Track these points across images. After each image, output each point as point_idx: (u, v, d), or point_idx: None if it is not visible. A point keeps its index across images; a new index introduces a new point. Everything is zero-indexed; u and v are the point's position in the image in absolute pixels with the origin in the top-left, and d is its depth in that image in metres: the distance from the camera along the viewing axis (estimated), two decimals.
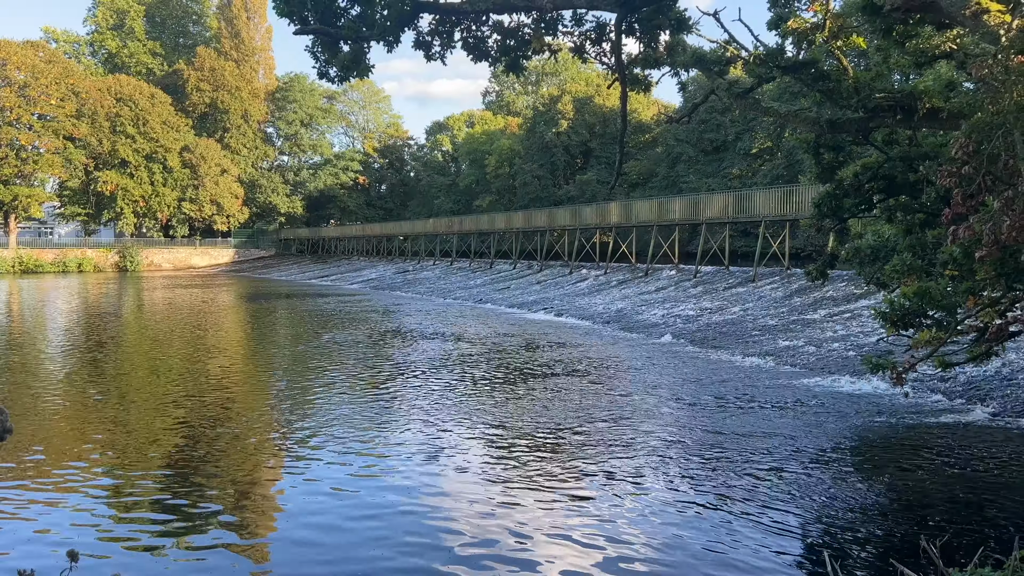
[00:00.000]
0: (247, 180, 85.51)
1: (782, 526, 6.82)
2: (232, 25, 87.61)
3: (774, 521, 6.92)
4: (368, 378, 14.82)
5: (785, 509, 7.23)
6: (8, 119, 68.24)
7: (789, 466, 8.63)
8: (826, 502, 7.45)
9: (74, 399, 13.02)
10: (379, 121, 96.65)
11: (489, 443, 9.72)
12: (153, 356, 18.88)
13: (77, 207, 77.84)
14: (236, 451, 9.53)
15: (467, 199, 73.75)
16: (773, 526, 6.81)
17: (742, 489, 7.81)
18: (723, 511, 7.18)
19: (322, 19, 7.75)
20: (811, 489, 7.84)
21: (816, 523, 6.98)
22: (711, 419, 11.07)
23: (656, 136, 59.28)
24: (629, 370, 15.66)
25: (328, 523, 6.94)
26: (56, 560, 5.80)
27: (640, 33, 8.19)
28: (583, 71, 76.66)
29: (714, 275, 29.56)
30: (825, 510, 7.25)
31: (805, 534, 6.74)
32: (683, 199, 35.47)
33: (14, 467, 8.51)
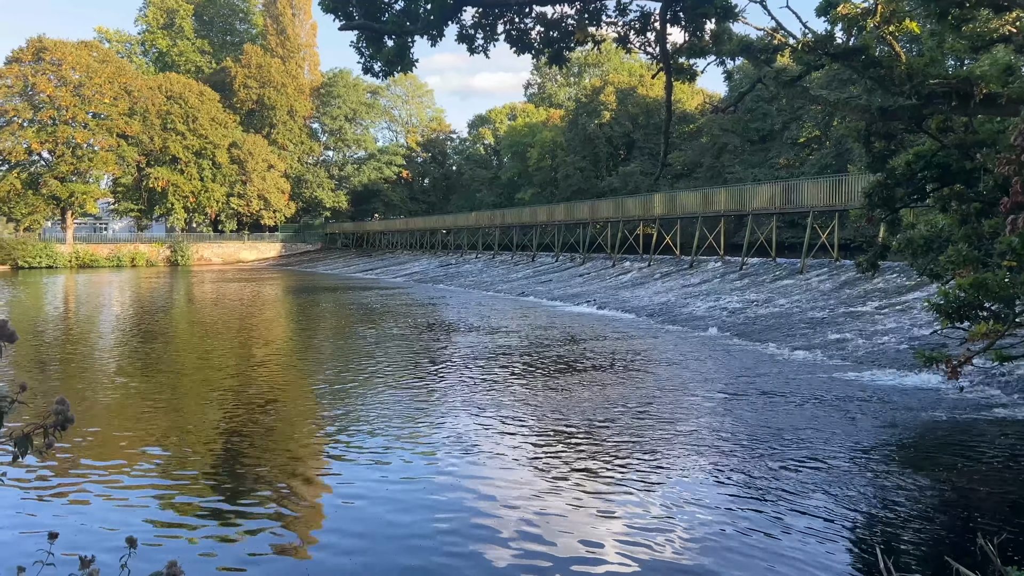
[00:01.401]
0: (293, 175, 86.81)
1: (831, 521, 6.71)
2: (278, 22, 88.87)
3: (823, 516, 6.82)
4: (410, 370, 14.96)
5: (834, 504, 7.11)
6: (64, 118, 70.25)
7: (838, 461, 8.48)
8: (877, 498, 7.31)
9: (128, 390, 13.40)
10: (422, 115, 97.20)
11: (529, 434, 9.74)
12: (203, 348, 19.31)
13: (130, 203, 79.97)
14: (282, 439, 9.71)
15: (509, 192, 73.80)
16: (822, 521, 6.71)
17: (789, 483, 7.71)
18: (769, 505, 7.10)
19: (367, 14, 7.81)
20: (861, 484, 7.69)
21: (867, 519, 6.85)
22: (757, 413, 10.93)
23: (701, 126, 58.55)
24: (673, 363, 15.53)
25: (370, 514, 7.04)
26: (115, 546, 5.99)
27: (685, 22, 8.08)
28: (626, 62, 76.01)
29: (760, 267, 29.13)
30: (876, 506, 7.11)
31: (855, 530, 6.62)
32: (729, 190, 34.98)
33: (73, 456, 8.79)
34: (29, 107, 69.47)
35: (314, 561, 6.07)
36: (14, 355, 16.11)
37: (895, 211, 11.75)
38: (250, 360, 16.78)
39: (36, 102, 69.63)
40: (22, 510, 7.05)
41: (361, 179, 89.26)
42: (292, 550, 6.31)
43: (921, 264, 10.52)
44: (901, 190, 10.83)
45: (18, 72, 68.79)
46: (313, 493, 7.76)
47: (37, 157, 72.13)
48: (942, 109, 9.12)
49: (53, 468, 8.23)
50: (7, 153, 69.63)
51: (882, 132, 10.61)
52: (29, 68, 69.14)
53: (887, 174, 10.57)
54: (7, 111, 68.79)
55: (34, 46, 70.29)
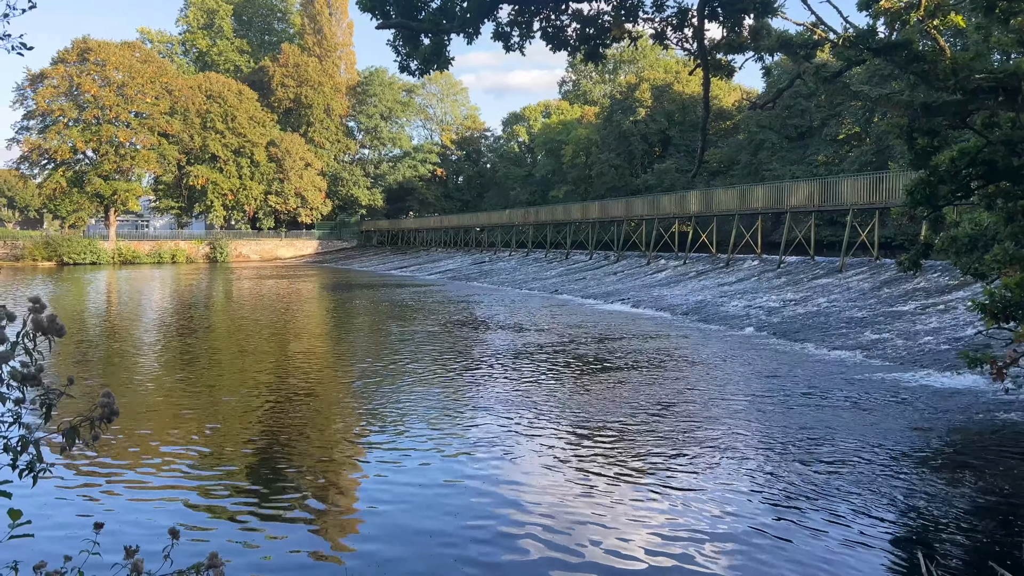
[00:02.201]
0: (330, 173, 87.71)
1: (870, 525, 6.60)
2: (315, 21, 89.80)
3: (862, 520, 6.71)
4: (442, 367, 15.02)
5: (874, 507, 7.00)
6: (108, 117, 71.78)
7: (877, 463, 8.34)
8: (918, 501, 7.17)
9: (167, 383, 13.66)
10: (456, 113, 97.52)
11: (560, 434, 9.73)
12: (240, 343, 19.60)
13: (171, 201, 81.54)
14: (316, 434, 9.82)
15: (543, 189, 73.71)
16: (861, 525, 6.60)
17: (826, 485, 7.60)
18: (806, 508, 7.00)
19: (403, 12, 7.86)
20: (901, 487, 7.56)
21: (908, 523, 6.73)
22: (793, 413, 10.79)
23: (738, 123, 57.89)
24: (707, 363, 15.40)
25: (401, 509, 7.09)
26: (158, 536, 6.12)
27: (723, 17, 7.98)
28: (661, 58, 75.45)
29: (798, 265, 28.74)
30: (917, 509, 6.98)
31: (896, 534, 6.51)
32: (766, 187, 34.55)
33: (117, 448, 8.99)
34: (74, 107, 71.13)
35: (347, 554, 6.14)
36: (59, 348, 16.52)
37: (938, 209, 11.49)
38: (286, 355, 17.00)
39: (81, 102, 71.27)
40: (69, 500, 7.23)
41: (396, 177, 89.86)
42: (325, 543, 6.39)
43: (965, 263, 10.28)
44: (945, 187, 10.59)
45: (64, 72, 70.46)
46: (346, 489, 7.84)
47: (82, 156, 73.86)
48: (988, 105, 8.89)
49: (98, 460, 8.42)
50: (53, 152, 71.38)
51: (925, 128, 10.37)
52: (74, 68, 70.77)
53: (930, 171, 10.34)
54: (53, 111, 70.50)
55: (79, 47, 71.93)
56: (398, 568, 5.85)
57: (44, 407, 2.19)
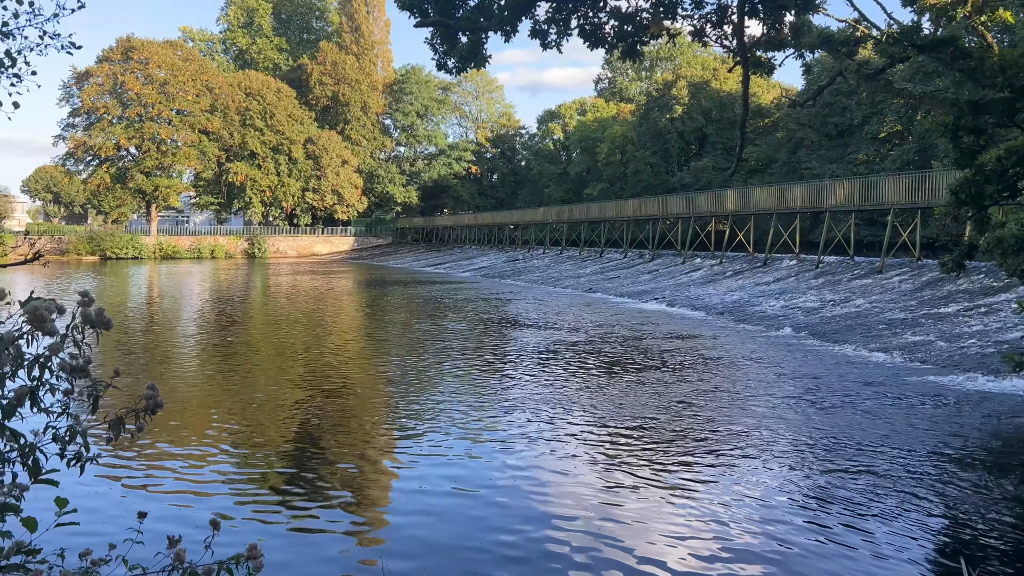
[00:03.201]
0: (366, 170, 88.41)
1: (910, 531, 6.48)
2: (352, 20, 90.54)
3: (901, 525, 6.59)
4: (476, 364, 15.07)
5: (913, 513, 6.86)
6: (150, 115, 73.21)
7: (917, 467, 8.18)
8: (960, 507, 7.02)
9: (206, 375, 13.89)
10: (492, 111, 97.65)
11: (593, 432, 9.70)
12: (278, 337, 19.86)
13: (210, 197, 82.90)
14: (351, 430, 9.92)
15: (577, 187, 73.47)
16: (900, 530, 6.48)
17: (864, 490, 7.47)
18: (843, 512, 6.89)
19: (441, 11, 7.88)
20: (943, 493, 7.40)
21: (949, 529, 6.59)
22: (830, 415, 10.63)
23: (776, 120, 57.13)
24: (744, 363, 15.23)
25: (435, 504, 7.13)
26: (199, 526, 6.24)
27: (763, 14, 7.87)
28: (699, 55, 74.71)
29: (837, 265, 28.29)
30: (959, 515, 6.83)
31: (937, 540, 6.38)
32: (805, 186, 34.05)
33: (159, 439, 9.17)
34: (118, 104, 72.66)
35: (381, 548, 6.19)
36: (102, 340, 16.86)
37: (984, 209, 11.24)
38: (321, 350, 17.18)
39: (124, 99, 72.77)
40: (113, 490, 7.39)
41: (431, 174, 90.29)
42: (361, 539, 6.45)
43: (1011, 264, 10.04)
44: (991, 187, 10.35)
45: (108, 71, 72.00)
46: (380, 485, 7.90)
47: (125, 152, 75.42)
48: None
49: (141, 451, 8.60)
50: (98, 149, 72.99)
51: (971, 126, 10.15)
52: (118, 67, 72.28)
53: (976, 170, 10.11)
54: (98, 108, 72.10)
55: (123, 45, 73.46)
56: (433, 569, 5.89)
57: (91, 398, 2.24)
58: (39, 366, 2.08)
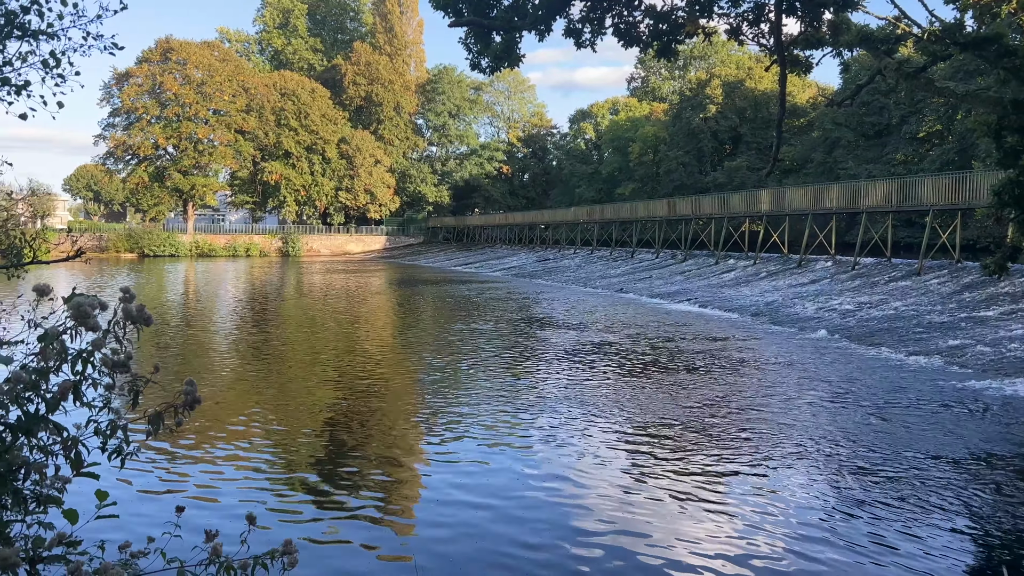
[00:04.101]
0: (398, 170, 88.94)
1: (948, 536, 6.34)
2: (386, 20, 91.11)
3: (938, 530, 6.45)
4: (506, 363, 15.07)
5: (952, 518, 6.72)
6: (188, 114, 74.37)
7: (955, 473, 8.01)
8: (1000, 513, 6.86)
9: (243, 372, 14.07)
10: (523, 111, 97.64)
11: (622, 436, 9.65)
12: (311, 335, 20.05)
13: (246, 196, 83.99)
14: (382, 427, 9.98)
15: (609, 187, 73.16)
16: (937, 535, 6.35)
17: (901, 495, 7.33)
18: (878, 517, 6.77)
19: (475, 10, 7.89)
20: (982, 499, 7.24)
21: (989, 535, 6.44)
22: (866, 420, 10.45)
23: (812, 120, 56.38)
24: (778, 366, 15.05)
25: (463, 503, 7.14)
26: (235, 521, 6.31)
27: (801, 12, 7.76)
28: (733, 54, 73.95)
29: (874, 267, 27.83)
30: (999, 522, 6.67)
31: (975, 546, 6.24)
32: (841, 186, 33.54)
33: (196, 434, 9.30)
34: (156, 104, 73.91)
35: (412, 542, 6.21)
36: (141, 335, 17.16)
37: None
38: (353, 348, 17.32)
39: (163, 100, 74.01)
40: (151, 483, 7.52)
41: (463, 174, 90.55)
42: (391, 533, 6.48)
43: None
44: None
45: (147, 71, 73.27)
46: (410, 482, 7.94)
47: (163, 152, 76.71)
48: None
49: (179, 445, 8.74)
50: (137, 148, 74.33)
51: (1015, 126, 9.91)
52: (157, 67, 73.53)
53: (1020, 170, 9.87)
54: (137, 108, 73.41)
55: (162, 46, 74.73)
56: (463, 568, 5.90)
57: (132, 393, 2.27)
58: (82, 361, 2.12)
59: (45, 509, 2.27)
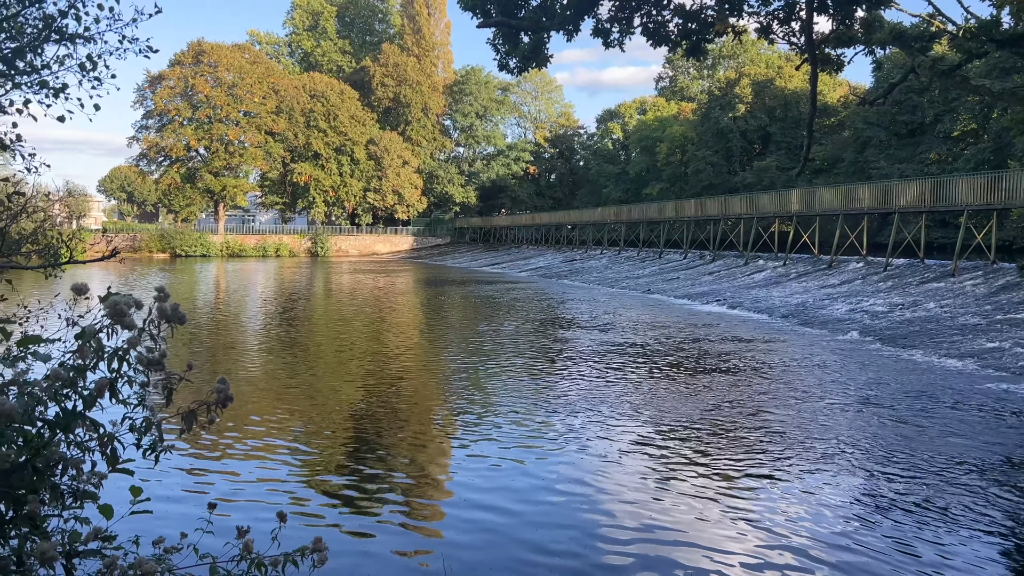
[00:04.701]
0: (426, 171, 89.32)
1: (979, 543, 6.22)
2: (414, 21, 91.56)
3: (970, 537, 6.33)
4: (531, 363, 15.05)
5: (985, 525, 6.59)
6: (219, 116, 75.34)
7: (989, 479, 7.86)
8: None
9: (272, 371, 14.22)
10: (550, 111, 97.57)
11: (649, 436, 9.59)
12: (339, 334, 20.20)
13: (275, 196, 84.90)
14: (409, 426, 10.02)
15: (636, 187, 72.81)
16: (969, 542, 6.23)
17: (932, 501, 7.20)
18: (909, 523, 6.66)
19: (504, 11, 7.89)
20: (1016, 505, 7.09)
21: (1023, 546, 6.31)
22: (897, 424, 10.28)
23: (843, 119, 55.66)
24: (808, 368, 14.87)
25: (489, 504, 7.15)
26: (266, 519, 6.39)
27: (833, 10, 7.65)
28: (763, 53, 73.26)
29: (907, 268, 27.41)
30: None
31: (1006, 557, 6.11)
32: (873, 186, 33.06)
33: (228, 432, 9.42)
34: (188, 106, 74.98)
35: (439, 548, 6.23)
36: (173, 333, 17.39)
37: None
38: (380, 347, 17.41)
39: (195, 102, 75.06)
40: (184, 480, 7.62)
41: (489, 175, 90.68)
42: (417, 536, 6.51)
43: None
44: None
45: (179, 74, 74.36)
46: (437, 482, 7.96)
47: (194, 153, 77.80)
48: None
49: (212, 442, 8.85)
50: (169, 149, 75.48)
51: None
52: (189, 70, 74.60)
53: None
54: (169, 110, 74.51)
55: (194, 49, 75.79)
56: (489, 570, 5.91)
57: (166, 391, 2.31)
58: (118, 359, 2.15)
59: (81, 504, 2.32)
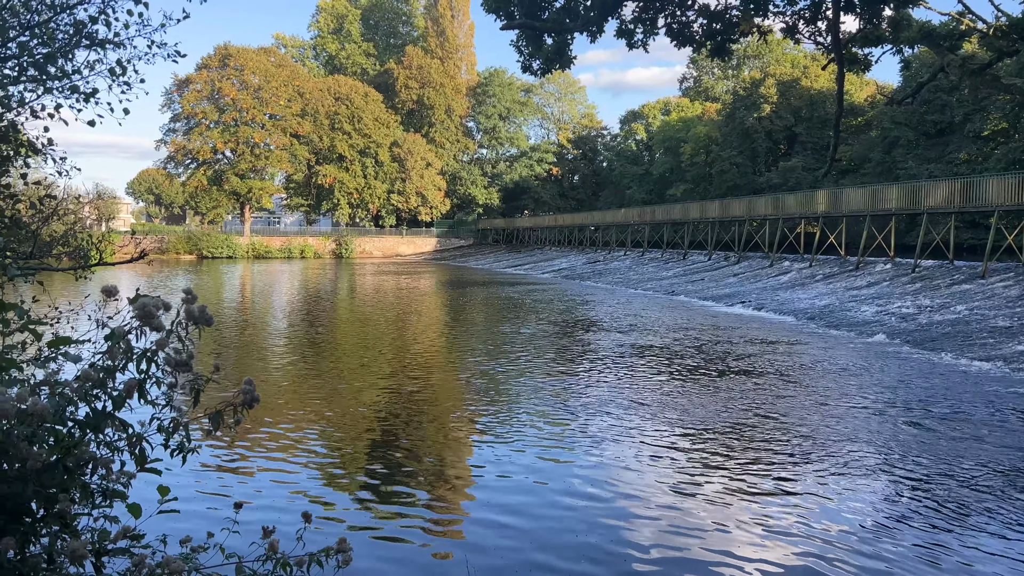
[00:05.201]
0: (449, 172, 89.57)
1: (1008, 550, 6.11)
2: (438, 24, 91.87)
3: (999, 544, 6.22)
4: (554, 365, 15.03)
5: (1015, 533, 6.47)
6: (245, 119, 76.10)
7: (1022, 483, 7.72)
8: None
9: (297, 371, 14.33)
10: (574, 112, 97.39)
11: (672, 440, 9.53)
12: (362, 334, 20.31)
13: (300, 198, 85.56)
14: (432, 426, 10.04)
15: (660, 188, 72.42)
16: (998, 550, 6.12)
17: (961, 507, 7.09)
18: (937, 528, 6.56)
19: (528, 13, 7.88)
20: None
21: None
22: (926, 427, 10.13)
23: (870, 119, 54.97)
24: (833, 370, 14.71)
25: (515, 504, 7.15)
26: (291, 518, 6.44)
27: (860, 9, 7.56)
28: (788, 52, 72.56)
29: (935, 270, 27.02)
30: None
31: None
32: (900, 186, 32.62)
33: (253, 432, 9.50)
34: (215, 109, 75.82)
35: (461, 551, 6.24)
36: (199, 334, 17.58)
37: None
38: (403, 348, 17.48)
39: (221, 105, 75.88)
40: (210, 480, 7.70)
41: (512, 176, 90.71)
42: (442, 533, 6.52)
43: None
44: None
45: (206, 77, 75.22)
46: (460, 485, 7.97)
47: (221, 156, 78.63)
48: None
49: (237, 442, 8.94)
50: (196, 152, 76.37)
51: None
52: (216, 74, 75.43)
53: None
54: (196, 113, 75.40)
55: (220, 53, 76.63)
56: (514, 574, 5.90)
57: (193, 392, 2.33)
58: (147, 360, 2.18)
59: (111, 503, 2.35)
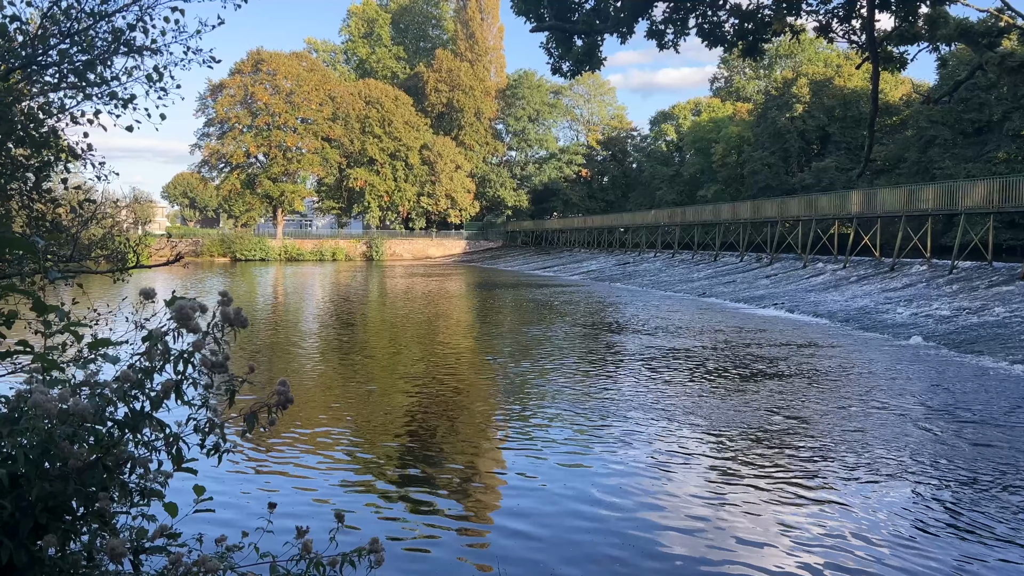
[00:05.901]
0: (478, 175, 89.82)
1: None
2: (467, 27, 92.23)
3: None
4: (583, 367, 14.98)
5: None
6: (277, 123, 77.04)
7: None
8: None
9: (329, 372, 14.46)
10: (603, 113, 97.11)
11: (704, 442, 9.45)
12: (393, 336, 20.43)
13: (332, 201, 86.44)
14: (461, 428, 10.07)
15: (691, 189, 71.90)
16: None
17: (998, 514, 6.93)
18: (971, 536, 6.42)
19: (557, 15, 7.89)
20: None
21: None
22: (964, 432, 9.93)
23: (906, 118, 54.06)
24: (869, 374, 14.48)
25: (541, 511, 7.13)
26: (323, 518, 6.50)
27: (895, 6, 7.44)
28: (821, 51, 71.68)
29: (973, 271, 26.48)
30: None
31: None
32: (937, 186, 32.04)
33: (287, 432, 9.60)
34: (248, 114, 76.89)
35: (493, 546, 6.25)
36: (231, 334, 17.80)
37: None
38: (433, 350, 17.55)
39: (254, 109, 76.93)
40: (245, 480, 7.80)
41: (542, 178, 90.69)
42: (472, 534, 6.54)
43: None
44: None
45: (240, 83, 76.29)
46: (490, 487, 7.98)
47: (254, 160, 79.70)
48: None
49: (271, 443, 9.04)
50: (230, 156, 77.51)
51: None
52: (249, 79, 76.48)
53: None
54: (230, 118, 76.52)
55: (253, 58, 77.70)
56: None
57: (228, 393, 2.36)
58: (183, 361, 2.22)
59: (148, 502, 2.39)
